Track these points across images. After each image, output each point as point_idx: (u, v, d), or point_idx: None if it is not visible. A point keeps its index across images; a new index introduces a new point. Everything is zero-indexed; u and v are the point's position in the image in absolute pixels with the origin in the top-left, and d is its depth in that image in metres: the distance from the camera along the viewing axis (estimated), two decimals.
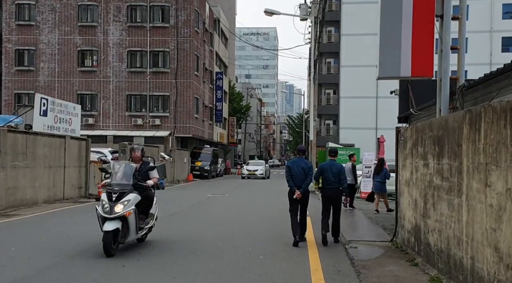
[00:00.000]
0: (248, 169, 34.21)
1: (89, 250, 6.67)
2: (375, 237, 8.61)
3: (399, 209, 7.47)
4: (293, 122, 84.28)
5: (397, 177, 7.63)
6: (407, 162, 6.98)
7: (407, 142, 6.98)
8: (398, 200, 7.55)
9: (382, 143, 17.23)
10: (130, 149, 7.74)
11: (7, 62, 33.77)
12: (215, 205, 14.02)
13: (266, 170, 34.96)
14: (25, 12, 33.90)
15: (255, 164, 35.83)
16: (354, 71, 43.41)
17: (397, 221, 7.62)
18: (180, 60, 33.67)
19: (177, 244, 7.33)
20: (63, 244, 7.13)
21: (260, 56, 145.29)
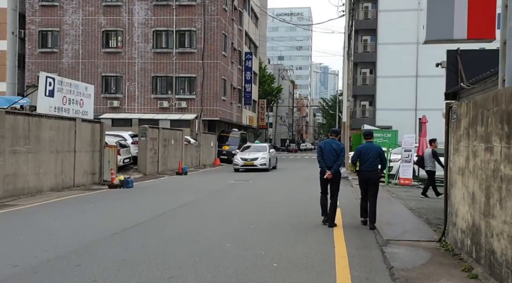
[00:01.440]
0: (243, 157, 22.62)
1: (55, 259, 5.48)
2: (419, 234, 7.05)
3: (450, 202, 5.91)
4: (327, 105, 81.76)
5: (447, 163, 6.04)
6: (461, 145, 5.39)
7: (461, 120, 5.39)
8: (448, 191, 5.98)
9: (424, 123, 15.38)
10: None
11: (31, 44, 33.50)
12: (235, 193, 12.75)
13: (271, 157, 23.58)
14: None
15: (254, 149, 23.83)
16: (392, 49, 40.86)
17: (447, 217, 6.06)
18: (207, 40, 32.38)
19: (173, 246, 6.06)
20: (28, 249, 5.77)
21: (293, 37, 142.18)
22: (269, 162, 22.72)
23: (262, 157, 22.47)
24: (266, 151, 23.20)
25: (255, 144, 26.16)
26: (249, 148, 24.26)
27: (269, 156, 22.89)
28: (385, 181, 16.26)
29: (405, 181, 15.43)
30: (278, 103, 72.65)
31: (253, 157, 22.39)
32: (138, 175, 18.84)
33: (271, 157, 23.43)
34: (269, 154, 23.20)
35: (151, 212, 9.02)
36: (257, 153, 22.89)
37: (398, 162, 16.42)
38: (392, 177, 16.56)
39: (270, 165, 22.95)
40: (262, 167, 22.04)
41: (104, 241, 6.26)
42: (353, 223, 7.94)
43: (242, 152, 23.53)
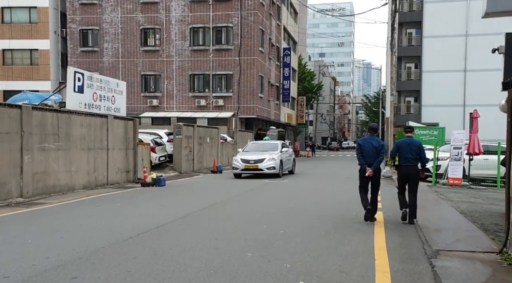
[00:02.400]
0: (245, 158, 17.26)
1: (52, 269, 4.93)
2: (474, 244, 6.00)
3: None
4: (370, 102, 79.32)
5: (511, 162, 5.03)
6: None
7: None
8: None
9: (475, 118, 14.03)
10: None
11: (72, 43, 34.07)
12: (268, 194, 11.96)
13: (284, 159, 17.97)
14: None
15: (260, 148, 18.48)
16: (439, 42, 38.75)
17: (509, 224, 5.04)
18: (244, 36, 31.84)
19: (188, 254, 5.37)
20: (30, 255, 5.23)
21: (334, 34, 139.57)
22: (281, 164, 17.20)
23: (270, 158, 16.91)
24: (276, 151, 17.63)
25: (264, 141, 21.61)
26: (255, 146, 19.07)
27: (280, 157, 17.30)
28: (433, 181, 15.03)
29: (455, 181, 14.16)
30: (319, 101, 71.14)
31: (257, 158, 16.92)
32: (174, 173, 18.54)
33: (284, 158, 17.81)
34: (281, 154, 17.66)
35: (176, 213, 8.45)
36: (263, 153, 17.38)
37: (447, 160, 15.13)
38: (440, 177, 15.30)
39: (282, 169, 17.52)
40: (269, 172, 16.66)
41: (115, 246, 5.69)
42: (396, 229, 7.02)
43: (245, 152, 18.09)
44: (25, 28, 33.48)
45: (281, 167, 17.29)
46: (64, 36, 34.52)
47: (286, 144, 20.42)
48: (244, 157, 17.28)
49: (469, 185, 13.96)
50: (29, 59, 33.85)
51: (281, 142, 19.76)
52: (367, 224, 7.32)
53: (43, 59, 33.72)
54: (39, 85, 31.99)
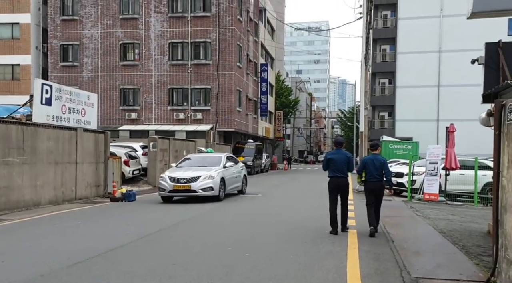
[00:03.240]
0: (175, 176, 13.13)
1: None
2: (457, 270, 5.58)
3: (502, 232, 4.74)
4: (345, 117, 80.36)
5: (498, 179, 4.89)
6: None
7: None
8: (500, 216, 4.82)
9: (451, 132, 14.14)
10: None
11: (53, 58, 33.77)
12: (239, 210, 11.43)
13: (229, 177, 14.13)
14: (69, 7, 33.53)
15: (197, 163, 14.40)
16: (412, 58, 39.63)
17: (497, 251, 4.87)
18: (221, 51, 31.77)
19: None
20: None
21: (311, 51, 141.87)
22: (222, 184, 13.16)
23: (208, 175, 12.80)
24: (217, 166, 13.58)
25: (203, 154, 17.11)
26: (191, 160, 14.63)
27: (221, 174, 13.26)
28: (408, 196, 15.00)
29: (431, 197, 14.15)
30: (296, 115, 71.62)
31: (190, 175, 12.81)
32: (148, 187, 18.05)
33: (228, 175, 13.78)
34: (224, 170, 13.60)
35: (137, 232, 7.90)
36: (199, 169, 13.30)
37: (422, 175, 15.14)
38: (415, 192, 15.27)
39: (225, 189, 13.50)
40: (205, 194, 12.65)
41: (56, 275, 5.17)
42: (371, 251, 6.58)
43: (178, 167, 14.01)
44: (7, 44, 33.53)
45: (223, 187, 13.19)
46: (45, 51, 34.23)
47: (234, 157, 15.94)
48: (173, 174, 12.91)
49: (445, 200, 13.98)
50: (11, 74, 33.73)
51: (226, 155, 15.12)
52: (340, 245, 6.95)
53: (25, 74, 33.40)
54: (20, 99, 31.09)
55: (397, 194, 16.70)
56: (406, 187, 15.50)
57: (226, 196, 13.71)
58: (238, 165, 15.39)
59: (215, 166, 13.67)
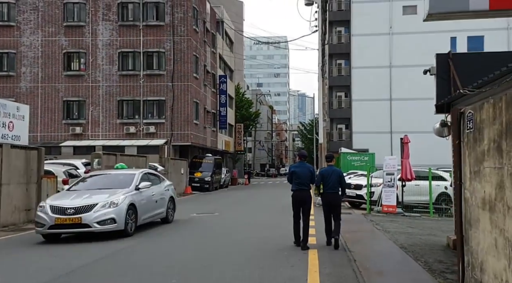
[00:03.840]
0: (59, 205, 9.17)
1: None
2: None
3: (468, 249, 4.14)
4: (305, 129, 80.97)
5: (460, 192, 4.33)
6: (485, 165, 3.71)
7: (483, 129, 3.73)
8: (465, 232, 4.23)
9: (406, 143, 13.90)
10: None
11: None
12: (191, 233, 10.29)
13: (145, 202, 10.37)
14: (3, 12, 31.24)
15: (99, 184, 10.50)
16: (366, 72, 40.61)
17: (464, 269, 4.28)
18: (177, 61, 30.79)
19: None
20: None
21: (271, 65, 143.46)
22: (132, 213, 9.65)
23: (108, 202, 9.25)
24: (126, 188, 9.97)
25: (110, 171, 12.27)
26: (92, 179, 11.00)
27: (131, 199, 9.70)
28: (367, 208, 14.59)
29: (389, 209, 13.77)
30: (257, 128, 71.28)
31: (81, 203, 9.24)
32: None
33: (142, 200, 10.21)
34: (136, 194, 10.05)
35: (61, 267, 6.55)
36: (98, 193, 9.74)
37: (380, 186, 14.82)
38: (374, 204, 14.91)
39: (138, 219, 9.95)
40: (102, 228, 9.07)
41: None
42: (333, 273, 6.03)
43: (69, 191, 10.34)
44: None
45: (133, 217, 9.61)
46: None
47: (156, 175, 12.43)
48: (57, 202, 9.27)
49: (403, 212, 13.65)
50: None
51: (143, 172, 11.18)
52: (300, 268, 6.30)
53: None
54: None
55: (356, 207, 16.30)
56: (365, 199, 15.12)
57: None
58: (162, 184, 11.87)
59: (123, 187, 9.83)
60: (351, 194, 16.13)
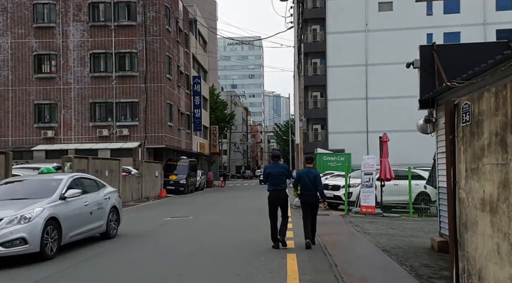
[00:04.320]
0: None
1: None
2: None
3: (464, 255, 3.86)
4: (280, 130, 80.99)
5: (454, 191, 4.05)
6: (484, 162, 3.43)
7: (483, 122, 3.45)
8: (460, 236, 3.96)
9: (385, 142, 13.75)
10: None
11: None
12: (162, 238, 9.55)
13: (76, 214, 8.32)
14: None
15: (9, 193, 8.25)
16: (341, 71, 40.51)
17: (458, 277, 4.00)
18: (149, 62, 30.09)
19: None
20: None
21: (245, 66, 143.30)
22: (53, 229, 7.57)
23: (17, 217, 7.10)
24: (47, 198, 7.87)
25: (32, 177, 10.55)
26: (6, 187, 8.79)
27: (52, 212, 7.62)
28: (345, 210, 14.38)
29: (368, 209, 13.57)
30: (232, 130, 70.77)
31: None
32: None
33: (70, 211, 8.23)
34: (61, 204, 8.01)
35: None
36: (5, 205, 7.60)
37: (358, 187, 14.63)
38: (352, 204, 14.70)
39: (63, 237, 7.81)
40: (9, 251, 6.89)
41: None
42: (314, 280, 5.69)
43: None
44: None
45: (56, 234, 7.61)
46: None
47: (93, 179, 10.06)
48: None
49: (382, 213, 13.47)
50: None
51: (73, 177, 9.04)
52: (278, 275, 5.90)
53: None
54: None
55: (334, 208, 16.07)
56: (343, 200, 14.89)
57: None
58: (102, 191, 9.68)
59: (44, 197, 7.85)
60: (328, 195, 15.85)
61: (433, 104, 7.30)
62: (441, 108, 7.63)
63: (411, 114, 41.08)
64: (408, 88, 37.97)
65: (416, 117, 8.37)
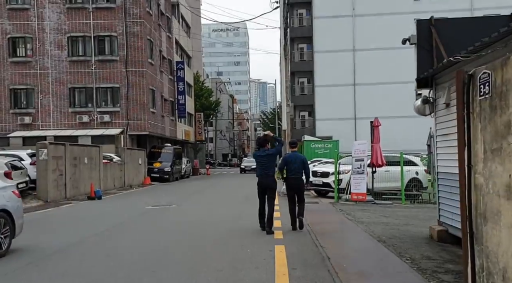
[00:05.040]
0: None
1: None
2: None
3: (482, 250, 3.30)
4: (267, 118, 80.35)
5: (470, 176, 3.48)
6: (509, 141, 2.84)
7: (507, 94, 2.85)
8: (476, 228, 3.39)
9: (376, 127, 13.22)
10: None
11: None
12: (140, 230, 8.79)
13: None
14: None
15: None
16: (329, 57, 39.73)
17: (474, 275, 3.45)
18: (130, 46, 29.00)
19: None
20: None
21: (231, 53, 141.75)
22: None
23: None
24: None
25: None
26: None
27: None
28: (335, 197, 13.89)
29: (359, 196, 13.08)
30: (217, 117, 69.86)
31: None
32: (37, 203, 15.11)
33: None
34: None
35: None
36: None
37: (348, 173, 14.14)
38: (342, 192, 14.22)
39: None
40: None
41: None
42: (305, 276, 5.10)
43: None
44: None
45: None
46: None
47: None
48: None
49: (373, 200, 13.00)
50: None
51: None
52: (265, 270, 5.30)
53: None
54: None
55: (323, 195, 15.58)
56: (332, 187, 14.39)
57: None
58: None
59: None
60: (317, 182, 15.41)
61: (432, 83, 6.73)
62: (441, 88, 7.09)
63: (399, 100, 40.75)
64: (397, 74, 37.88)
65: (404, 103, 7.85)
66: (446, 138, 7.03)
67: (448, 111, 6.90)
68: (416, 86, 7.24)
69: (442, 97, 6.97)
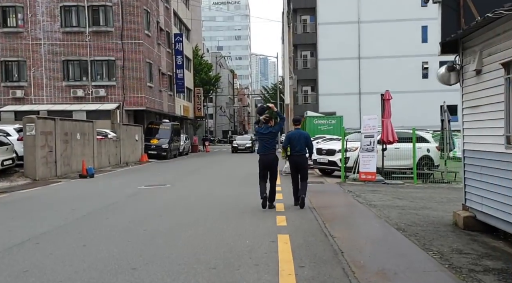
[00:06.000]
0: None
1: None
2: None
3: None
4: (268, 93, 79.00)
5: None
6: None
7: None
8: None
9: (387, 100, 12.19)
10: None
11: None
12: (125, 214, 7.72)
13: None
14: None
15: None
16: (333, 29, 38.30)
17: None
18: (125, 17, 27.67)
19: None
20: None
21: (231, 27, 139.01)
22: None
23: None
24: None
25: None
26: None
27: None
28: (342, 177, 12.98)
29: (368, 176, 12.14)
30: (217, 93, 68.54)
31: None
32: (24, 181, 14.28)
33: None
34: None
35: None
36: None
37: (356, 151, 13.17)
38: (349, 171, 13.27)
39: None
40: None
41: None
42: (318, 277, 4.26)
43: None
44: None
45: None
46: None
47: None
48: None
49: (383, 180, 12.08)
50: None
51: None
52: (267, 269, 4.40)
53: None
54: None
55: (328, 174, 14.68)
56: (338, 166, 13.45)
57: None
58: None
59: None
60: (322, 161, 14.49)
61: (454, 49, 5.70)
62: (471, 52, 6.06)
63: (405, 74, 39.22)
64: (403, 47, 36.46)
65: (410, 77, 6.80)
66: (475, 111, 6.09)
67: (479, 79, 5.94)
68: (440, 51, 6.20)
69: (472, 63, 5.99)
